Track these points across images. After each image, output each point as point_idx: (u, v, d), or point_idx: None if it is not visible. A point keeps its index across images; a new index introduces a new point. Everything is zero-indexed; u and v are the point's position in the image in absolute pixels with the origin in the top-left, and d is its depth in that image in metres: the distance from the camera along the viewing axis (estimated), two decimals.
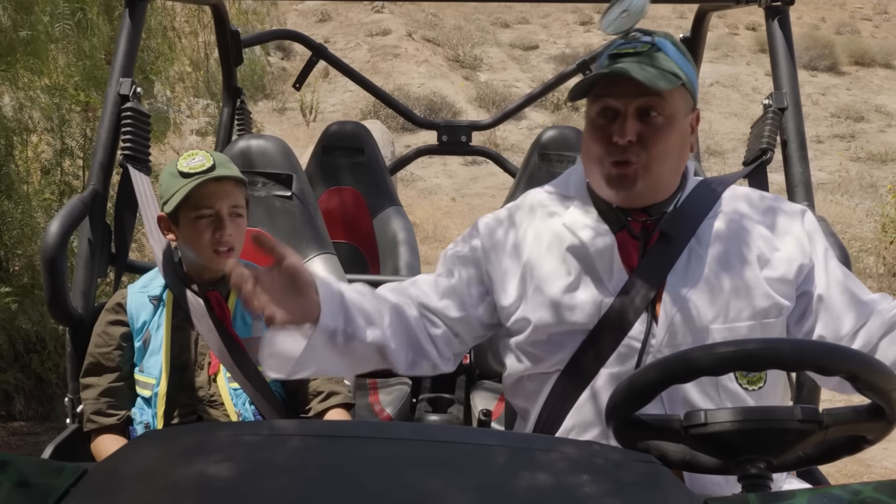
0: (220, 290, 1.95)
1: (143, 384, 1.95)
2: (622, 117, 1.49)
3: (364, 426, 1.18)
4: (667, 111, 1.49)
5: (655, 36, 1.52)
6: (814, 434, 1.14)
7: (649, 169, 1.50)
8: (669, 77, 1.47)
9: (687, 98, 1.53)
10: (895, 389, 1.12)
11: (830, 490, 0.96)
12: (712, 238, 1.53)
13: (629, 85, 1.45)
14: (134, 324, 1.96)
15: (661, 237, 1.52)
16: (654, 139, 1.48)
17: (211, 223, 1.88)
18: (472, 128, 3.52)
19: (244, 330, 1.93)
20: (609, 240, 1.53)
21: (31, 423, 4.33)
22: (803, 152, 2.14)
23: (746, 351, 1.14)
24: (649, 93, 1.46)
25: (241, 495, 0.94)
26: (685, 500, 0.95)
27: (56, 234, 1.93)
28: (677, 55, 1.51)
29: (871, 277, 7.69)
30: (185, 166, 1.89)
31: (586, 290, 1.51)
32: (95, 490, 0.97)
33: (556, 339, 1.53)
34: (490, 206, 9.57)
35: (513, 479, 0.96)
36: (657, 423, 1.21)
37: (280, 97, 13.42)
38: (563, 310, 1.51)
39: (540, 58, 16.22)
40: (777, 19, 2.24)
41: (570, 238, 1.55)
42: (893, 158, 12.40)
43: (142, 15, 2.31)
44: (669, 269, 1.50)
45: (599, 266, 1.52)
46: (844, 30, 18.11)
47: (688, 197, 1.58)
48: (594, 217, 1.57)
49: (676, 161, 1.54)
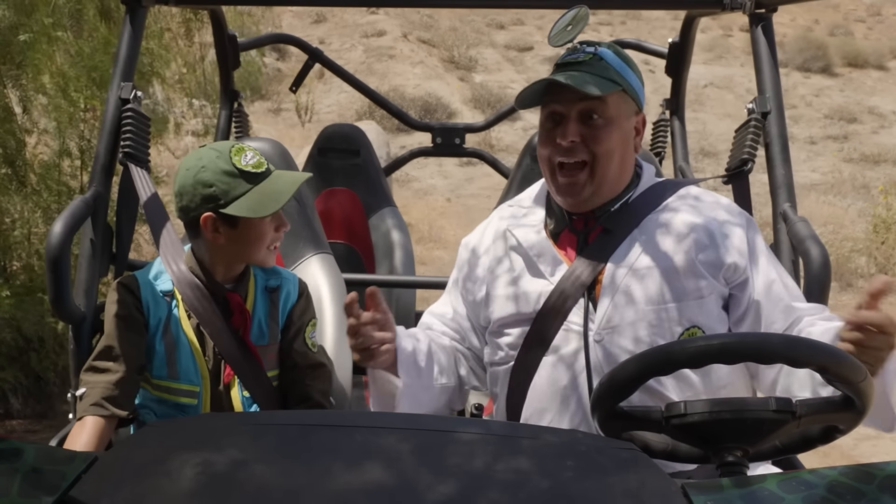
0: (239, 292, 1.91)
1: (179, 391, 1.88)
2: (565, 121, 1.64)
3: (359, 416, 1.24)
4: (607, 114, 1.64)
5: (599, 47, 1.68)
6: (788, 423, 1.20)
7: (595, 170, 1.64)
8: (606, 83, 1.62)
9: (628, 102, 1.68)
10: (863, 381, 1.18)
11: (800, 474, 1.03)
12: (655, 228, 1.66)
13: (572, 92, 1.60)
14: (149, 317, 1.90)
15: (603, 231, 1.67)
16: (597, 139, 1.63)
17: (272, 221, 1.88)
18: (466, 130, 3.57)
19: (260, 337, 1.91)
20: (543, 236, 1.71)
21: (29, 422, 4.36)
22: (786, 155, 2.20)
23: (721, 344, 1.21)
24: (589, 98, 1.60)
25: (246, 480, 0.99)
26: (663, 483, 1.01)
27: (60, 234, 1.99)
28: (618, 63, 1.67)
29: (863, 277, 7.75)
30: (247, 165, 1.82)
31: (527, 283, 1.69)
32: (106, 477, 1.02)
33: (507, 329, 1.70)
34: (485, 206, 9.61)
35: (499, 465, 1.02)
36: (639, 413, 1.27)
37: (275, 98, 13.44)
38: (508, 301, 1.70)
39: (535, 59, 16.27)
40: (761, 25, 2.29)
41: (511, 239, 1.74)
42: (886, 160, 12.47)
43: (142, 21, 2.36)
44: (607, 258, 1.64)
45: (538, 260, 1.69)
46: (838, 31, 18.18)
47: (639, 195, 1.71)
48: (538, 218, 1.74)
49: (620, 160, 1.68)
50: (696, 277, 1.61)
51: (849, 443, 4.52)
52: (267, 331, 1.92)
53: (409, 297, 3.13)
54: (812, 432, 1.29)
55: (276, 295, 1.95)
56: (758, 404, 1.20)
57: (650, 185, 1.74)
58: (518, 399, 1.67)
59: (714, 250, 1.63)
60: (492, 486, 0.99)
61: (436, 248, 8.67)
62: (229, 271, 1.92)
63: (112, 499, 0.98)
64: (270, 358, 1.93)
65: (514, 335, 1.69)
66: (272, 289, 1.95)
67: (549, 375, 1.64)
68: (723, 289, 1.64)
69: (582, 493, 0.98)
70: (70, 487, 1.00)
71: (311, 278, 2.25)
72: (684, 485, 1.02)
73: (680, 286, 1.60)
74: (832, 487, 0.98)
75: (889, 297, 5.08)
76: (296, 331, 1.96)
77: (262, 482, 0.99)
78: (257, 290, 1.94)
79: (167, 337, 1.89)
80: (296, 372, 1.95)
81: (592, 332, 1.62)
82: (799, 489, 0.98)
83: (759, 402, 1.21)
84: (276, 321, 1.94)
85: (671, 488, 1.00)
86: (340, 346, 2.16)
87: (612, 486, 1.01)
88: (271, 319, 1.93)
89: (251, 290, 1.94)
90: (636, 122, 1.71)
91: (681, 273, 1.61)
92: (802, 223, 2.04)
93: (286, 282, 1.98)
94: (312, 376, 1.95)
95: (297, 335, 1.96)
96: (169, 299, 1.91)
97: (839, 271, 7.56)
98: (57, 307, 2.05)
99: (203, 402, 1.88)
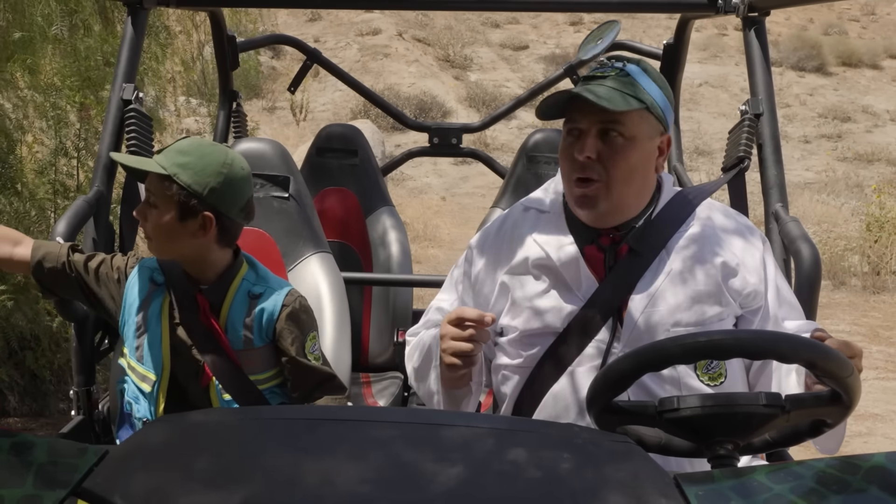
0: (209, 296, 1.87)
1: (141, 376, 1.88)
2: (584, 136, 1.62)
3: (362, 410, 1.27)
4: (627, 132, 1.60)
5: (628, 62, 1.64)
6: (777, 417, 1.24)
7: (611, 189, 1.62)
8: (629, 100, 1.58)
9: (652, 122, 1.63)
10: (850, 376, 1.22)
11: (788, 465, 1.06)
12: (682, 249, 1.65)
13: (593, 106, 1.57)
14: (127, 293, 1.90)
15: (630, 251, 1.65)
16: (614, 158, 1.60)
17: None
18: (462, 130, 3.60)
19: (237, 342, 1.86)
20: (573, 252, 1.67)
21: (25, 420, 4.38)
22: (778, 156, 2.24)
23: (713, 341, 1.25)
24: (610, 114, 1.58)
25: (252, 472, 1.03)
26: (656, 474, 1.05)
27: (63, 233, 2.02)
28: (647, 81, 1.63)
29: (856, 276, 7.82)
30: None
31: (555, 298, 1.66)
32: (117, 470, 1.06)
33: (529, 340, 1.69)
34: (480, 205, 9.64)
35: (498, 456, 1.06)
36: (634, 408, 1.31)
37: (270, 96, 13.47)
38: (534, 313, 1.67)
39: (530, 58, 16.31)
40: (754, 28, 2.33)
41: (539, 252, 1.69)
42: (879, 158, 12.55)
43: (143, 22, 2.39)
44: (636, 280, 1.63)
45: (567, 276, 1.66)
46: (832, 31, 18.26)
47: (662, 210, 1.69)
48: (564, 231, 1.71)
49: (641, 182, 1.66)
50: (720, 304, 1.63)
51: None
52: (240, 336, 1.86)
53: (406, 295, 3.16)
54: (801, 426, 1.33)
55: (256, 301, 1.88)
56: (748, 399, 1.24)
57: (670, 196, 1.72)
58: (529, 405, 1.68)
59: (739, 278, 1.64)
60: (491, 476, 1.03)
61: (431, 246, 8.71)
62: (206, 271, 1.89)
63: (124, 490, 1.01)
64: (251, 363, 1.87)
65: (537, 347, 1.68)
66: (255, 295, 1.88)
67: (567, 388, 1.64)
68: (738, 310, 1.66)
69: (578, 484, 1.02)
70: (83, 480, 1.03)
71: (310, 277, 2.28)
72: (677, 476, 1.05)
73: (705, 310, 1.62)
74: (819, 478, 1.02)
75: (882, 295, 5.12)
76: (289, 346, 1.87)
77: (271, 474, 1.02)
78: (239, 293, 1.88)
79: (141, 317, 1.88)
80: (307, 390, 1.90)
81: (616, 352, 1.62)
82: (787, 480, 1.01)
83: (750, 397, 1.25)
84: (251, 328, 1.87)
85: (664, 479, 1.04)
86: (339, 344, 2.19)
87: (607, 476, 1.04)
88: (245, 326, 1.86)
89: (231, 293, 1.88)
90: (660, 142, 1.67)
91: (707, 298, 1.62)
92: (794, 223, 2.08)
93: (270, 291, 1.89)
94: (322, 389, 1.89)
95: (293, 349, 1.87)
96: (155, 288, 1.89)
97: (832, 270, 7.62)
98: (60, 305, 2.08)
99: (159, 393, 1.85)
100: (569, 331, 1.64)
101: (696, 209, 1.70)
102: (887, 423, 4.91)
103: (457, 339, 1.56)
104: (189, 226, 1.80)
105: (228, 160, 1.81)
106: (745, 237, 1.70)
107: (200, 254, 1.85)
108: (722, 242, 1.67)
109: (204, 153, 1.80)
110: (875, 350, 6.15)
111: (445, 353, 1.58)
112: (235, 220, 1.85)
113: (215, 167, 1.79)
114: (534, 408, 1.67)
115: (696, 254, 1.64)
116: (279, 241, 2.34)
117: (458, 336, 1.56)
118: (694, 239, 1.66)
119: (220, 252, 1.87)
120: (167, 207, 1.79)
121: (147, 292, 1.89)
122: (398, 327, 3.05)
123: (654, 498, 0.99)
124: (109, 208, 2.32)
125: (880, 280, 7.72)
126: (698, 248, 1.65)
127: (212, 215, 1.80)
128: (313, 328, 1.93)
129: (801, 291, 1.90)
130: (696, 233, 1.67)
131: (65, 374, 4.42)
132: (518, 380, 1.71)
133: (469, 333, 1.55)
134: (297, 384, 1.89)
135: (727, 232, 1.69)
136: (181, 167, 1.77)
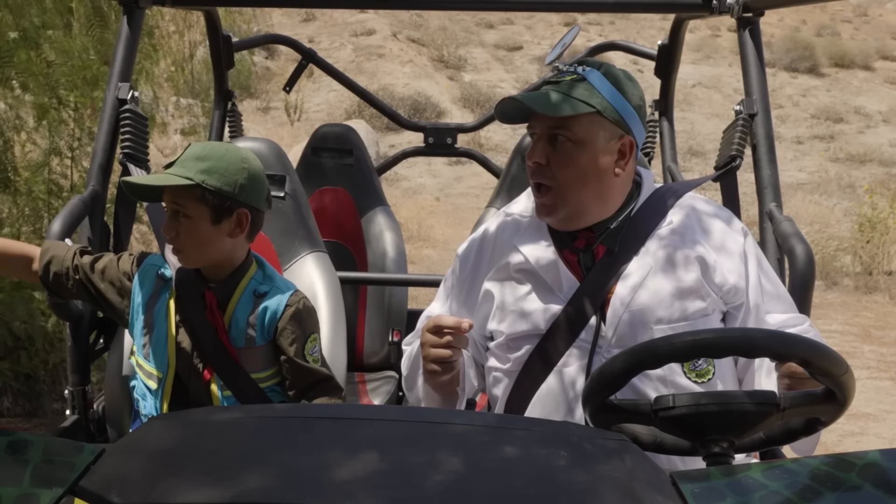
0: (218, 293, 1.88)
1: (148, 373, 1.89)
2: (536, 140, 1.65)
3: (360, 409, 1.28)
4: (575, 137, 1.62)
5: (587, 66, 1.65)
6: (772, 415, 1.25)
7: (564, 194, 1.65)
8: (576, 104, 1.60)
9: (607, 126, 1.64)
10: (844, 374, 1.23)
11: (783, 463, 1.07)
12: (662, 245, 1.67)
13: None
14: (134, 293, 1.91)
15: (608, 251, 1.67)
16: (561, 163, 1.63)
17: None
18: (457, 130, 3.60)
19: (240, 340, 1.88)
20: (552, 256, 1.69)
21: (19, 420, 4.37)
22: (772, 156, 2.25)
23: (707, 339, 1.26)
24: (558, 119, 1.60)
25: (248, 470, 1.03)
26: (652, 471, 1.05)
27: (58, 232, 2.02)
28: (604, 85, 1.63)
29: (848, 276, 7.85)
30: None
31: (538, 300, 1.69)
32: (114, 467, 1.06)
33: (515, 343, 1.72)
34: (474, 205, 9.65)
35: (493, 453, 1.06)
36: (629, 406, 1.31)
37: (264, 96, 13.44)
38: (519, 316, 1.70)
39: (524, 58, 16.32)
40: (748, 29, 2.33)
41: (519, 257, 1.72)
42: (872, 159, 12.59)
43: (139, 22, 2.39)
44: (615, 279, 1.65)
45: (547, 279, 1.69)
46: (825, 32, 18.32)
47: (640, 208, 1.71)
48: (544, 235, 1.73)
49: (597, 185, 1.66)
50: (702, 298, 1.64)
51: (833, 439, 4.59)
52: (243, 334, 1.88)
53: (401, 295, 3.17)
54: (795, 424, 1.34)
55: (260, 300, 1.90)
56: (743, 397, 1.25)
57: (650, 193, 1.74)
58: (519, 405, 1.70)
59: (719, 272, 1.65)
60: (487, 473, 1.03)
61: (425, 246, 8.71)
62: (217, 270, 1.90)
63: (121, 488, 1.01)
64: (252, 361, 1.88)
65: (523, 349, 1.71)
66: (260, 294, 1.90)
67: (555, 387, 1.67)
68: (722, 306, 1.67)
69: (574, 481, 1.02)
70: (79, 478, 1.03)
71: (306, 276, 2.28)
72: (673, 473, 1.06)
73: (687, 306, 1.63)
74: (814, 475, 1.02)
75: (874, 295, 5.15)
76: (288, 345, 1.88)
77: (266, 472, 1.02)
78: (246, 291, 1.90)
79: (148, 315, 1.89)
80: (304, 390, 1.90)
81: (602, 349, 1.64)
82: (782, 477, 1.02)
83: (745, 395, 1.25)
84: (254, 326, 1.88)
85: (661, 477, 1.05)
86: (335, 343, 2.19)
87: (604, 474, 1.05)
88: (248, 324, 1.88)
89: (239, 290, 1.90)
90: (620, 144, 1.66)
91: (689, 294, 1.63)
92: (788, 222, 2.09)
93: (275, 291, 1.91)
94: (318, 389, 1.90)
95: (292, 350, 1.88)
96: (162, 284, 1.91)
97: (825, 270, 7.66)
98: (55, 305, 2.08)
99: (164, 391, 1.87)
100: (553, 331, 1.67)
101: (675, 205, 1.72)
102: (879, 423, 4.93)
103: (436, 347, 1.59)
104: (224, 227, 1.83)
105: (244, 155, 1.85)
106: (724, 230, 1.72)
107: (229, 254, 1.88)
108: (701, 237, 1.68)
109: (221, 154, 1.82)
110: (867, 350, 6.17)
111: (426, 360, 1.63)
112: (262, 211, 1.89)
113: (237, 164, 1.82)
114: (524, 408, 1.70)
115: (676, 249, 1.66)
116: (275, 241, 2.34)
117: (437, 343, 1.59)
118: (673, 235, 1.68)
119: (243, 249, 1.91)
120: (200, 214, 1.80)
121: (153, 290, 1.91)
122: (393, 327, 3.06)
123: (651, 495, 1.00)
124: (105, 208, 2.32)
125: (872, 280, 7.76)
126: (678, 244, 1.67)
127: (247, 210, 1.83)
128: (315, 330, 1.94)
129: (795, 289, 1.91)
130: (676, 228, 1.69)
131: (59, 374, 4.40)
132: (508, 382, 1.74)
133: (447, 340, 1.58)
134: (294, 383, 1.90)
135: (706, 226, 1.71)
136: (206, 173, 1.79)
